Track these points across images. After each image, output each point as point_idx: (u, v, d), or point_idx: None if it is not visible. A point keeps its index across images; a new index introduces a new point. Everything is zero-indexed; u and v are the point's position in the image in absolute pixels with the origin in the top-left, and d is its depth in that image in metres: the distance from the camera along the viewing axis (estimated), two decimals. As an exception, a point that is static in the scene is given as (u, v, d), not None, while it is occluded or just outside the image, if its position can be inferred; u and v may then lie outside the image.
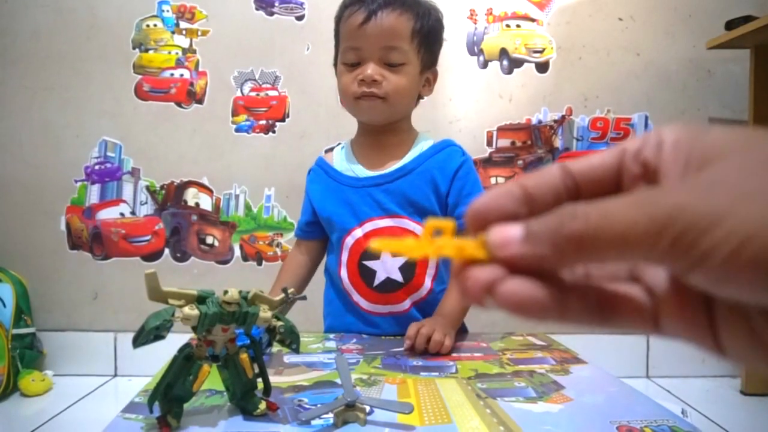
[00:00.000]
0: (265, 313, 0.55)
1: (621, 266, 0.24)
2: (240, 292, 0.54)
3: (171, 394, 0.53)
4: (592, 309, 0.21)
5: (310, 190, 1.04)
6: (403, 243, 0.22)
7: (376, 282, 0.94)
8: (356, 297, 0.96)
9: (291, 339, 0.58)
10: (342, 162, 1.01)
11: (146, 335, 0.49)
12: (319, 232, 1.04)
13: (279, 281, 1.03)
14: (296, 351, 0.58)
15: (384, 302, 0.95)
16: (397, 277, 0.94)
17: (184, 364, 0.53)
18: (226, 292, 0.53)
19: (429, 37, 0.95)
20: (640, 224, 0.18)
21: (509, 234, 0.21)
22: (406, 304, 0.95)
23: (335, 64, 1.01)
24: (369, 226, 0.95)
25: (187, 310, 0.51)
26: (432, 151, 0.98)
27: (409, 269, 0.94)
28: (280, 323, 0.57)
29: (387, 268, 0.94)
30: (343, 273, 0.96)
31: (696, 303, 0.20)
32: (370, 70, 0.91)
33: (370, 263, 0.94)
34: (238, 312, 0.53)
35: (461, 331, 1.03)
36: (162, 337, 0.50)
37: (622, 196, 0.19)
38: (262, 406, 0.56)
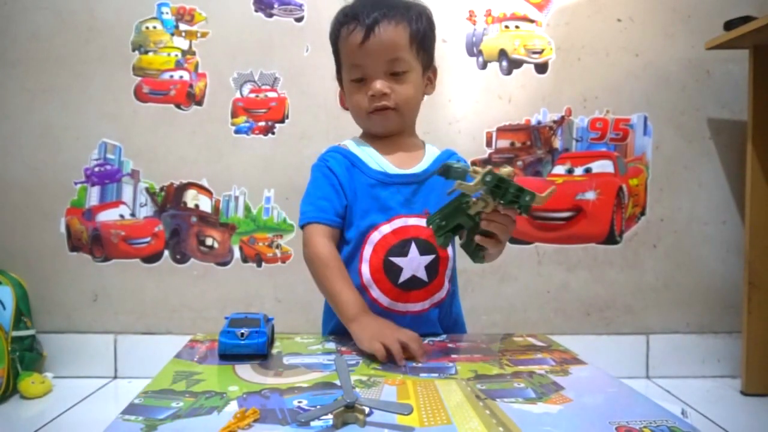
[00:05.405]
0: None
1: None
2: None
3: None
4: None
5: (339, 174, 0.97)
6: None
7: (401, 279, 0.93)
8: (376, 293, 0.94)
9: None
10: (367, 156, 0.99)
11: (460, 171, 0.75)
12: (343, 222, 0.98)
13: (346, 288, 0.90)
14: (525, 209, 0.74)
15: (404, 300, 0.94)
16: (422, 275, 0.94)
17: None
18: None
19: (425, 39, 0.98)
20: None
21: None
22: (426, 304, 0.95)
23: (339, 80, 1.03)
24: (398, 223, 0.94)
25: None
26: (444, 156, 1.02)
27: (433, 268, 0.94)
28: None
29: (414, 266, 0.93)
30: (365, 268, 0.94)
31: None
32: (378, 84, 0.94)
33: (397, 260, 0.93)
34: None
35: (461, 331, 1.03)
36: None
37: None
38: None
